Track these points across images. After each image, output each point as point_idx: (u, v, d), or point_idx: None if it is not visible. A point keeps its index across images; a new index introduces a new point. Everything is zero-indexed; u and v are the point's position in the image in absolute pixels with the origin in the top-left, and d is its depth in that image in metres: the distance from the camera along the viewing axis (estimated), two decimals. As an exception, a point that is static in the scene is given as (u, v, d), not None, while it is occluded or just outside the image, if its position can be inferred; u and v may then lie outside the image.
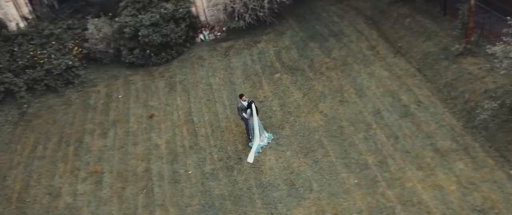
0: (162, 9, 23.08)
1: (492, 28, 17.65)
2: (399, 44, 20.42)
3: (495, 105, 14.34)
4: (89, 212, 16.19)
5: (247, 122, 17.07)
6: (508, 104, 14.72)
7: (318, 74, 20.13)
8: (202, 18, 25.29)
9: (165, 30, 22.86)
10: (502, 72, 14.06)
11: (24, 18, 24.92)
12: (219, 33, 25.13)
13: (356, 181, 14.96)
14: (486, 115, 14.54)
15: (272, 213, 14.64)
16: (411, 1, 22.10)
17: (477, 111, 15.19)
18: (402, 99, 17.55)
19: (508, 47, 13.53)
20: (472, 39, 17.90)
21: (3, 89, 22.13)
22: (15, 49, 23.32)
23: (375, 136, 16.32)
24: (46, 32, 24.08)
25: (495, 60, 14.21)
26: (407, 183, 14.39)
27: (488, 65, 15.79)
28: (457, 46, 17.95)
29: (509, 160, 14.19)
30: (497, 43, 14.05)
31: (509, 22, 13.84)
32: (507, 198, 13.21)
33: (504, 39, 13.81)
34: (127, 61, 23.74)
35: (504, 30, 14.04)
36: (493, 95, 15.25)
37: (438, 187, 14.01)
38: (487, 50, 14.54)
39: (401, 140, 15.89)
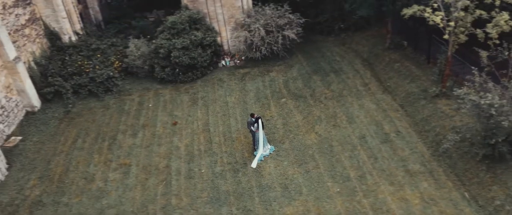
0: (192, 36, 24.72)
1: (464, 77, 19.22)
2: (388, 84, 22.27)
3: (457, 138, 16.11)
4: (117, 195, 17.81)
5: (254, 134, 18.77)
6: (469, 139, 16.53)
7: (318, 102, 21.88)
8: (225, 47, 26.94)
9: (193, 54, 24.53)
10: (463, 110, 15.90)
11: (76, 33, 27.07)
12: (238, 61, 26.65)
13: (338, 189, 16.64)
14: (448, 145, 16.34)
15: (267, 209, 16.28)
16: (402, 49, 24.00)
17: (443, 141, 16.99)
18: (384, 128, 19.33)
19: (469, 90, 15.40)
20: (448, 84, 19.72)
21: (53, 90, 24.02)
22: (66, 58, 25.31)
23: (359, 156, 18.06)
24: (93, 46, 26.05)
25: (459, 101, 16.01)
26: (380, 194, 16.11)
27: (456, 105, 17.48)
28: (434, 89, 19.82)
29: (464, 184, 15.93)
30: (462, 88, 15.91)
31: (473, 71, 15.78)
32: (459, 213, 14.93)
33: (466, 84, 15.70)
34: (159, 77, 25.27)
35: (467, 76, 15.92)
36: (458, 130, 17.00)
37: (405, 200, 15.72)
38: (454, 92, 16.39)
39: (379, 160, 17.64)
